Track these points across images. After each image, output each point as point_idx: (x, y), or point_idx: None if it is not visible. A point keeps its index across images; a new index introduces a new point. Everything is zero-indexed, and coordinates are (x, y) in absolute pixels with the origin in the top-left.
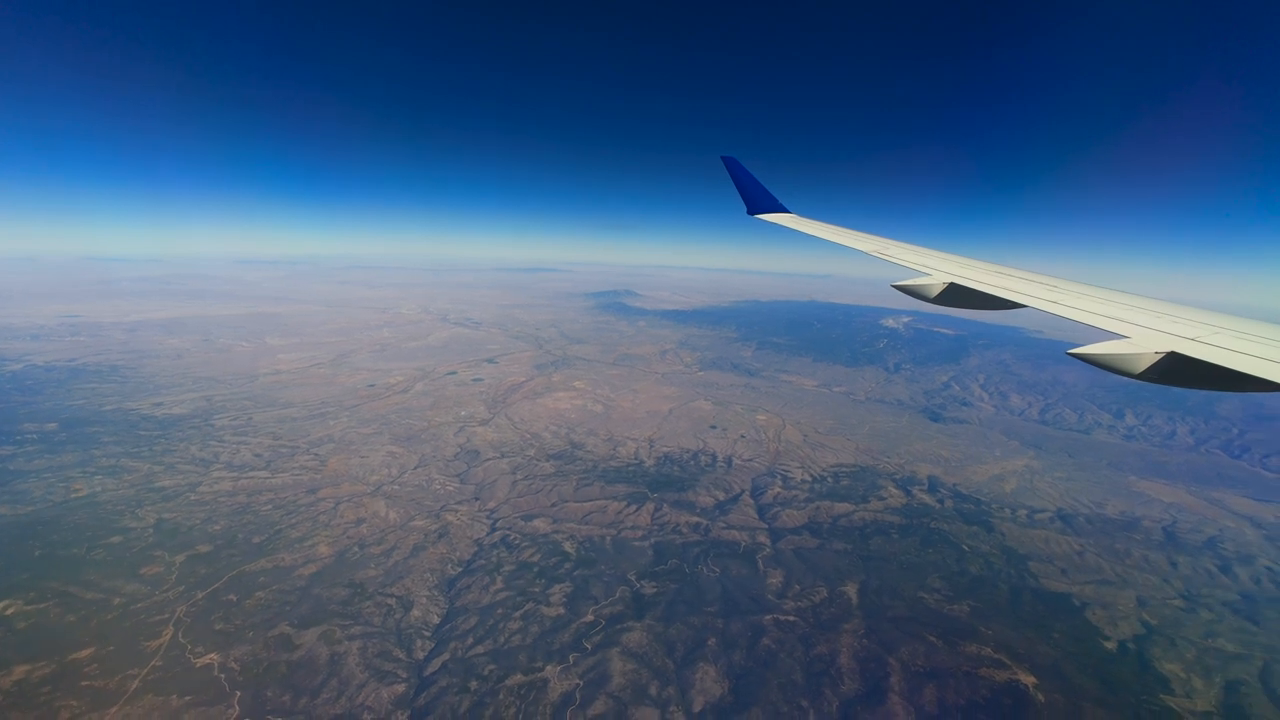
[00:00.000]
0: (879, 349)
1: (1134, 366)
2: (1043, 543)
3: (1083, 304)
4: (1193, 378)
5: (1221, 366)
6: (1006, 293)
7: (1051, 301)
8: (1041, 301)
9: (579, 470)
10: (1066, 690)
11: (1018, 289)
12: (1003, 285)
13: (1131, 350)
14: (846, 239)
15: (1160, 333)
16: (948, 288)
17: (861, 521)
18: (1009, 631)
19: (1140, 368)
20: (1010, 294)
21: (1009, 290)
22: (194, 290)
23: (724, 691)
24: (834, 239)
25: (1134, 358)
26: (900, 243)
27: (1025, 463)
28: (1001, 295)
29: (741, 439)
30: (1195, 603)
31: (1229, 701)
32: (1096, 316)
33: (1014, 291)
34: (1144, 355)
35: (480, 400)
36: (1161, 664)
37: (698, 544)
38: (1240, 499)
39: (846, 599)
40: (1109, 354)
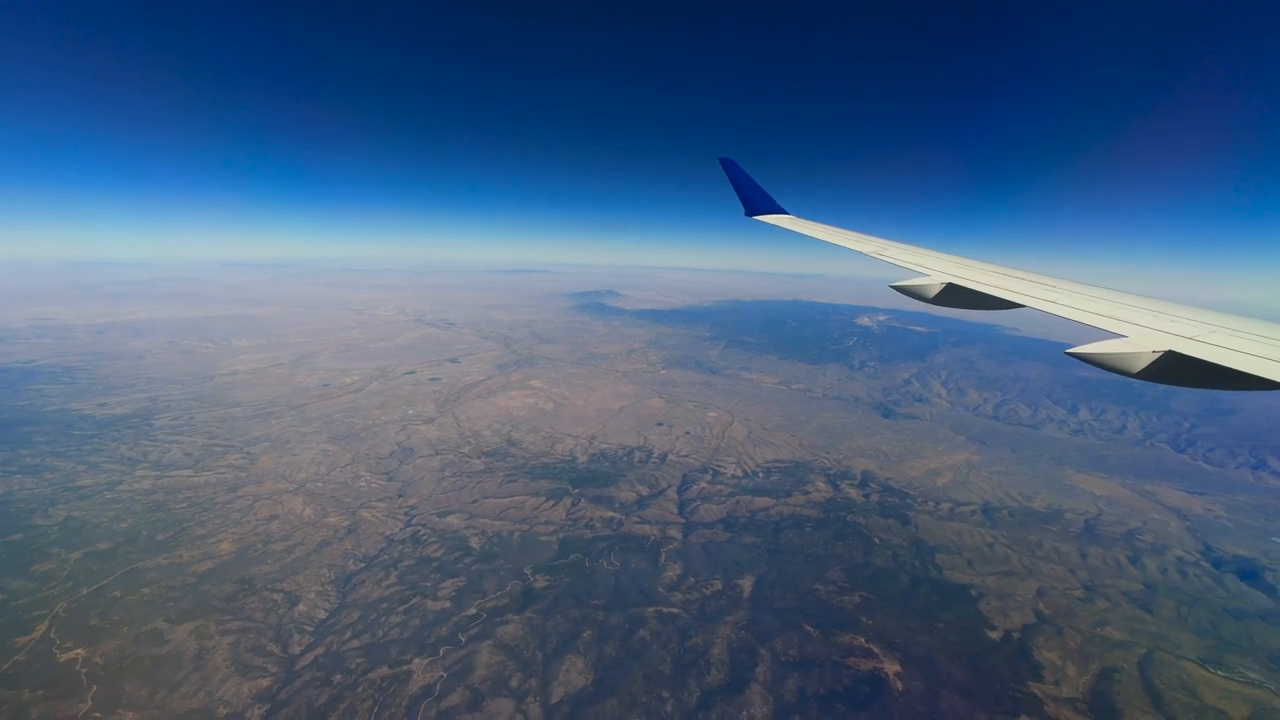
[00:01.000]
0: (847, 346)
1: (1132, 365)
2: (955, 535)
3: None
4: (1190, 376)
5: (1219, 365)
6: (1004, 293)
7: (1049, 301)
8: (1039, 301)
9: (508, 467)
10: (930, 679)
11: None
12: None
13: (1129, 349)
14: (845, 240)
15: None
16: (946, 288)
17: (779, 516)
18: (892, 622)
19: (1138, 367)
20: (1008, 294)
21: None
22: (176, 293)
23: (587, 683)
24: (832, 240)
25: (1132, 357)
26: (898, 243)
27: (966, 457)
28: (999, 295)
29: (685, 435)
30: (1095, 592)
31: (1099, 688)
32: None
33: (1012, 291)
34: (1142, 354)
35: (432, 399)
36: (1040, 652)
37: (606, 538)
38: (1174, 491)
39: (739, 591)
40: (1107, 353)
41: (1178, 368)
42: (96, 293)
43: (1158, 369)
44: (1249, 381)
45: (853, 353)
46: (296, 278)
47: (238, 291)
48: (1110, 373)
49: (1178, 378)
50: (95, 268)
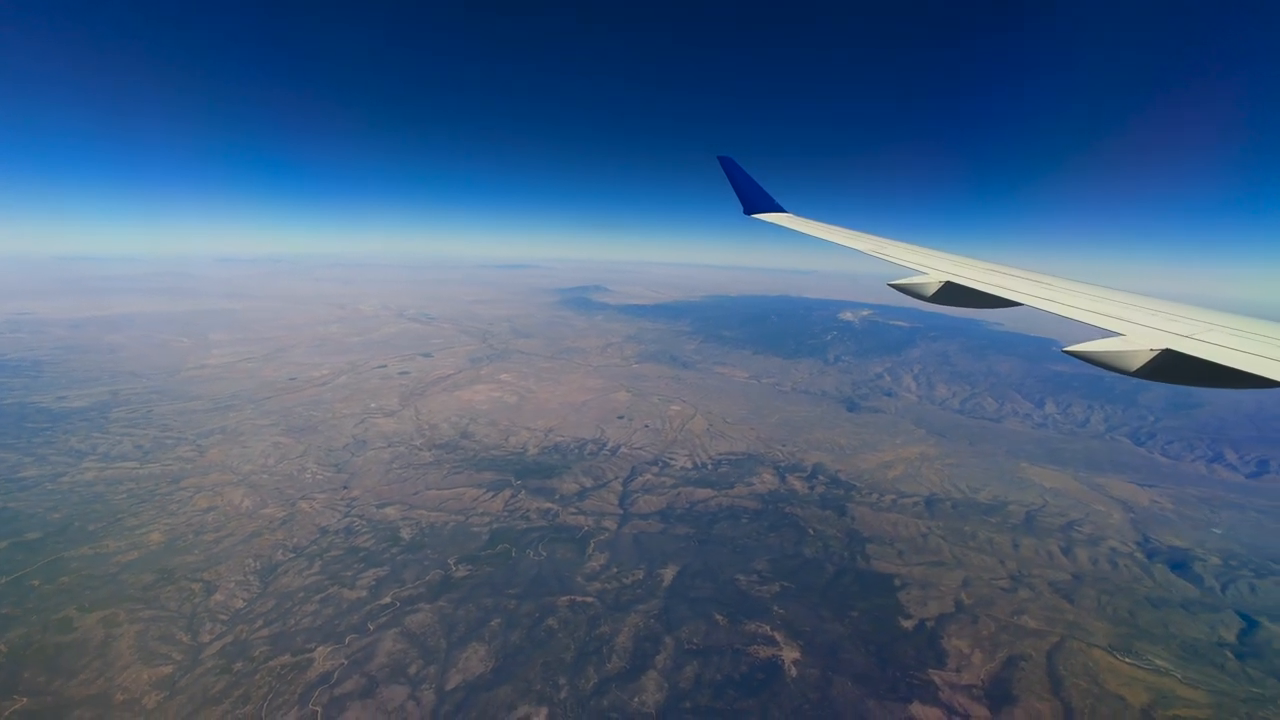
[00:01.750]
0: (825, 341)
1: (1129, 364)
2: (891, 526)
3: (1078, 302)
4: (1187, 375)
5: (1216, 363)
6: (1002, 291)
7: (1047, 300)
8: (1037, 300)
9: (457, 459)
10: (828, 666)
11: (1014, 287)
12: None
13: (1127, 348)
14: (843, 238)
15: (1155, 330)
16: (944, 286)
17: (717, 507)
18: (805, 612)
19: (1135, 365)
20: (1006, 292)
21: (1005, 289)
22: (163, 288)
23: (486, 670)
24: (830, 238)
25: (1129, 355)
26: (897, 242)
27: (921, 450)
28: (997, 294)
29: (644, 428)
30: (1020, 582)
31: (1001, 675)
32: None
33: (1010, 290)
34: (1139, 352)
35: (397, 393)
36: (950, 640)
37: (539, 529)
38: (1124, 484)
39: (659, 581)
40: (1104, 351)
41: (1175, 366)
42: (82, 287)
43: (1155, 367)
44: (1246, 380)
45: (829, 347)
46: (288, 273)
47: (225, 286)
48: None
49: (1175, 376)
50: (86, 263)
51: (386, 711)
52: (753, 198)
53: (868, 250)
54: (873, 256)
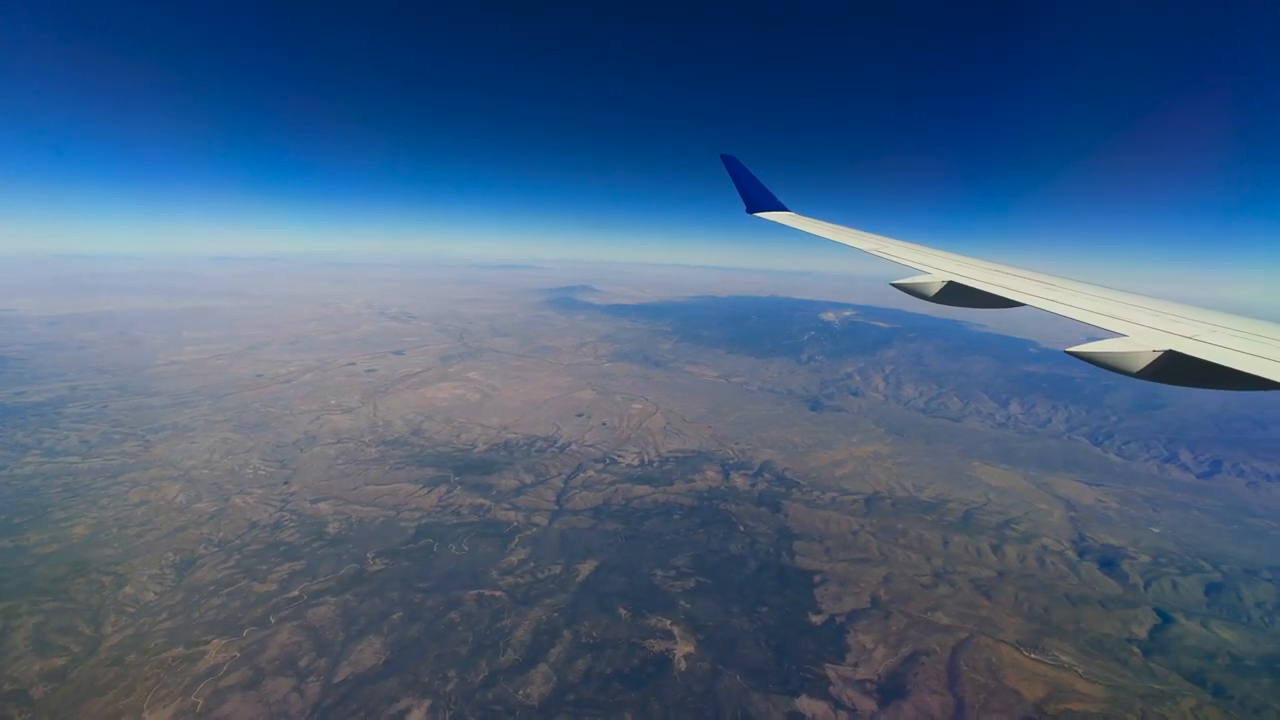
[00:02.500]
0: (801, 341)
1: (1132, 365)
2: (823, 523)
3: (1081, 302)
4: (1190, 376)
5: (1219, 365)
6: (1005, 291)
7: (1050, 300)
8: (1040, 300)
9: (402, 456)
10: (722, 660)
11: (1016, 287)
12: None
13: (1130, 349)
14: (845, 237)
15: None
16: (946, 286)
17: (653, 504)
18: (713, 607)
19: (1138, 366)
20: (1009, 292)
21: (1007, 289)
22: (152, 286)
23: (378, 663)
24: (832, 237)
25: (1132, 356)
26: (899, 241)
27: (876, 449)
28: (1000, 294)
29: (601, 426)
30: (942, 579)
31: (900, 670)
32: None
33: (1012, 290)
34: (1142, 354)
35: (360, 390)
36: (856, 636)
37: (468, 524)
38: (1072, 482)
39: (574, 576)
40: (1107, 352)
41: (1178, 367)
42: (72, 285)
43: (1158, 368)
44: (1249, 381)
45: (804, 347)
46: (282, 272)
47: (215, 284)
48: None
49: (1178, 377)
50: (84, 261)
51: (268, 704)
52: (755, 196)
53: (870, 249)
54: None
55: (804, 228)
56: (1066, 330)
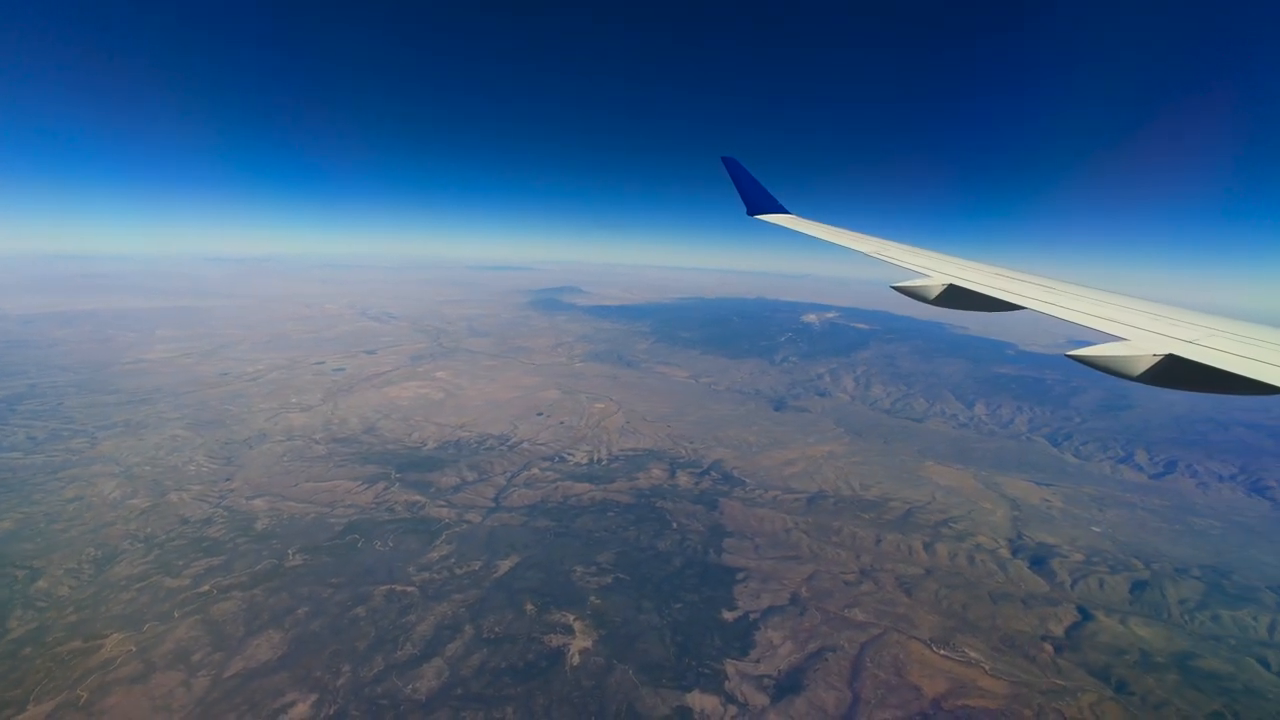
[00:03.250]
0: (778, 342)
1: (1132, 369)
2: (758, 521)
3: (1081, 306)
4: (1190, 380)
5: (1219, 369)
6: (1005, 294)
7: (1050, 303)
8: (1040, 303)
9: (350, 453)
10: (619, 655)
11: (1017, 290)
12: (1002, 287)
13: (1130, 353)
14: (845, 240)
15: (1159, 335)
16: (947, 289)
17: (591, 501)
18: (625, 603)
19: (1138, 370)
20: (1009, 295)
21: (1008, 292)
22: (139, 286)
23: (272, 657)
24: (832, 239)
25: (1132, 360)
26: (899, 244)
27: (831, 449)
28: (1000, 297)
29: (559, 425)
30: (867, 576)
31: (803, 666)
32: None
33: (1013, 293)
34: (1142, 358)
35: (323, 389)
36: (765, 632)
37: (399, 521)
38: (1022, 482)
39: (492, 572)
40: (1107, 356)
41: (1178, 371)
42: (59, 284)
43: (1158, 372)
44: (1249, 386)
45: (780, 348)
46: (273, 272)
47: (203, 284)
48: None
49: (1178, 381)
50: (79, 261)
51: (153, 697)
52: (756, 199)
53: (870, 252)
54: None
55: (804, 230)
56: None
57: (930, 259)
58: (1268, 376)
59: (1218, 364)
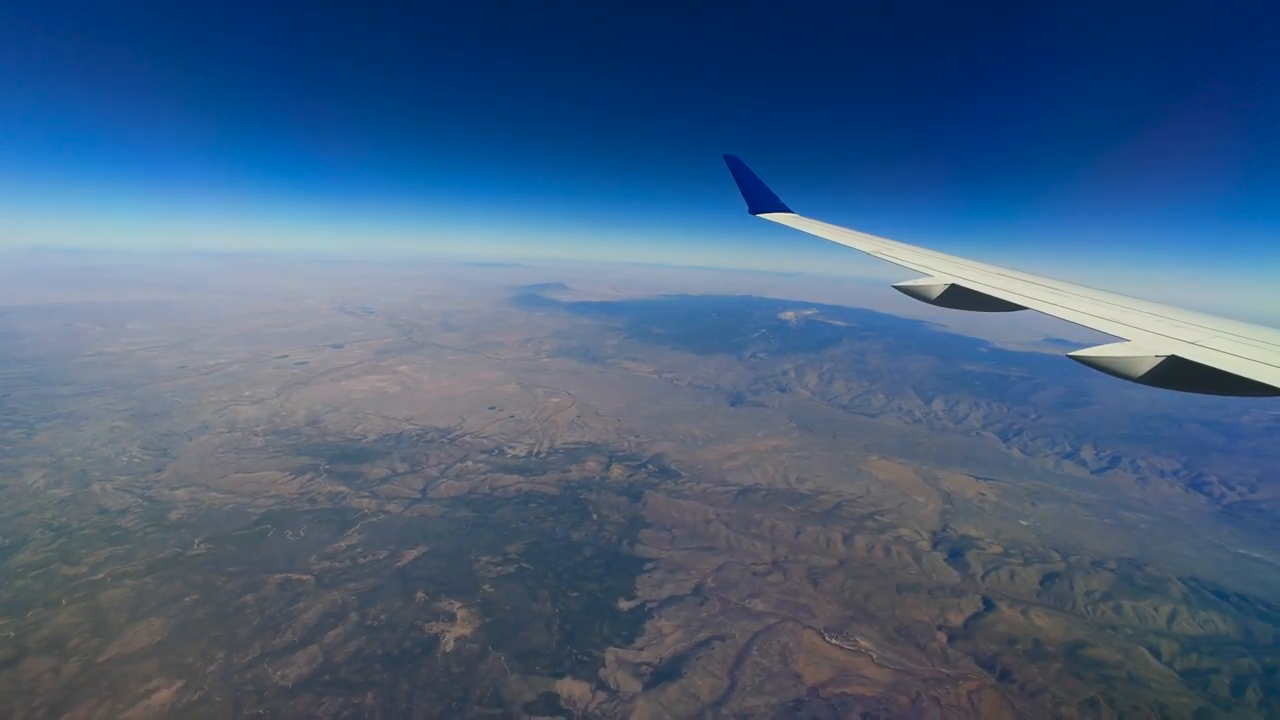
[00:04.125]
0: (750, 339)
1: (1134, 369)
2: (679, 513)
3: (1084, 306)
4: (1193, 381)
5: (1221, 370)
6: (1008, 294)
7: (1052, 304)
8: (1042, 304)
9: (287, 445)
10: (497, 643)
11: (1019, 291)
12: (1004, 287)
13: (1132, 353)
14: (847, 239)
15: (1161, 336)
16: (949, 289)
17: (517, 493)
18: (520, 591)
19: (1140, 371)
20: (1011, 296)
21: (1010, 292)
22: (119, 280)
23: (150, 644)
24: (835, 239)
25: (1134, 361)
26: (902, 243)
27: (777, 443)
28: (1002, 297)
29: (510, 419)
30: (778, 567)
31: (687, 654)
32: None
33: (1015, 293)
34: (1144, 358)
35: (280, 382)
36: (657, 621)
37: (317, 511)
38: (962, 476)
39: (396, 561)
40: (1109, 357)
41: (1180, 372)
42: (43, 279)
43: (1160, 373)
44: (1251, 387)
45: (750, 345)
46: (260, 267)
47: (185, 279)
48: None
49: (1180, 383)
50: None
51: (18, 682)
52: (758, 197)
53: (872, 251)
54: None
55: (806, 229)
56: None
57: (932, 259)
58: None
59: (1220, 365)
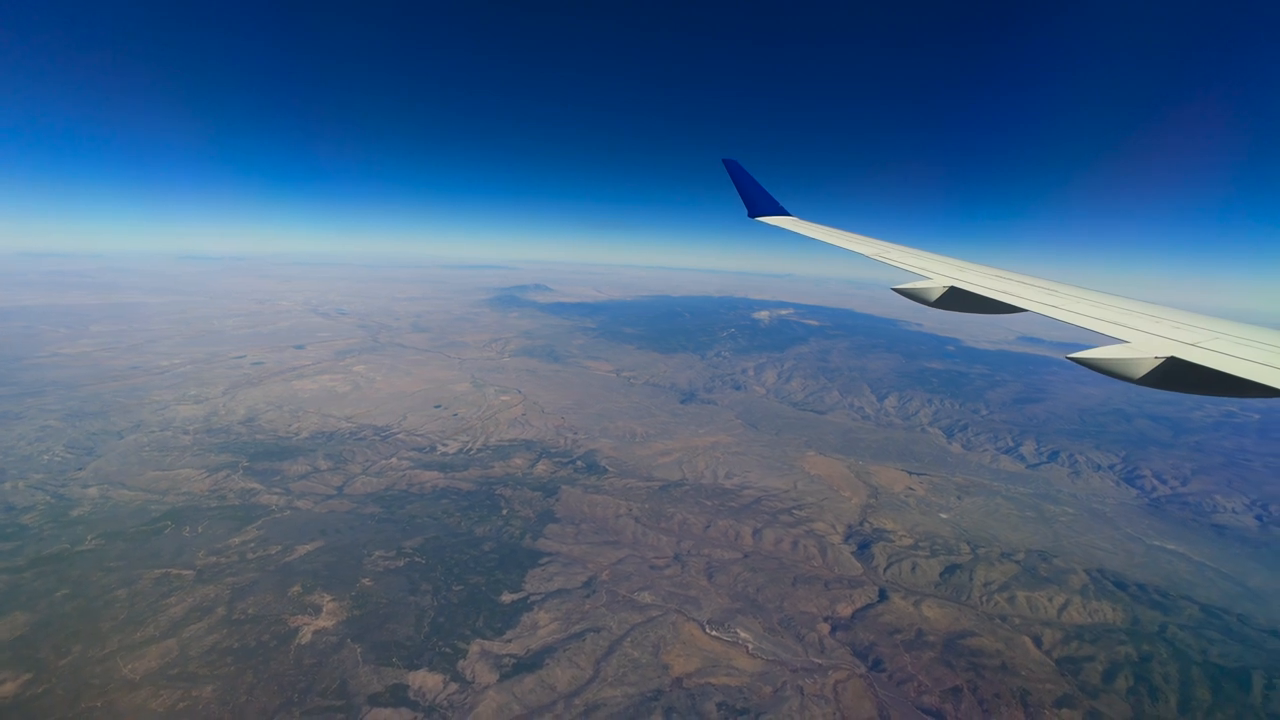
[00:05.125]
0: (718, 338)
1: (1134, 371)
2: (590, 508)
3: (1083, 308)
4: (1192, 382)
5: (1221, 372)
6: (1006, 296)
7: (1051, 306)
8: (1041, 305)
9: (214, 443)
10: (360, 636)
11: (1018, 293)
12: (1003, 289)
13: (1131, 355)
14: (846, 242)
15: (1160, 337)
16: (948, 291)
17: (434, 489)
18: (398, 584)
19: (1140, 372)
20: (1010, 298)
21: (1009, 294)
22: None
23: (7, 638)
24: (833, 241)
25: (1134, 362)
26: (901, 246)
27: (718, 439)
28: (1001, 299)
29: (453, 417)
30: (679, 561)
31: (555, 645)
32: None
33: (1014, 295)
34: (1144, 360)
35: (230, 381)
36: (535, 614)
37: (224, 508)
38: (895, 471)
39: (285, 556)
40: (1109, 358)
41: (1180, 374)
42: (8, 280)
43: (1160, 375)
44: (1251, 388)
45: (718, 344)
46: (245, 270)
47: (165, 282)
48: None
49: (1180, 384)
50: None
51: None
52: (757, 201)
53: (871, 254)
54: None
55: (805, 232)
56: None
57: (931, 261)
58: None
59: (1219, 366)
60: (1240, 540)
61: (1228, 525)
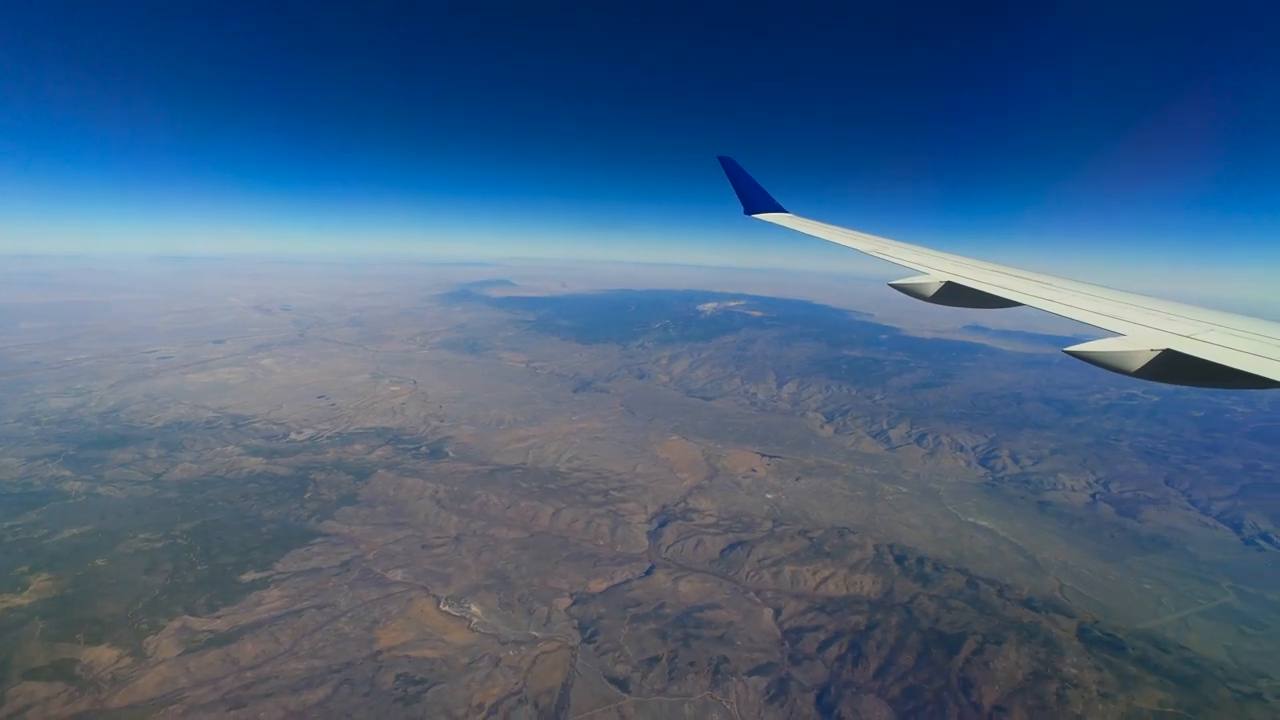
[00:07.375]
0: (650, 329)
1: (1130, 364)
2: (395, 491)
3: (1079, 302)
4: (1188, 375)
5: (1217, 364)
6: (1003, 291)
7: (1048, 299)
8: (1038, 300)
9: (61, 432)
10: (55, 613)
11: (1014, 287)
12: (999, 284)
13: (1127, 348)
14: (843, 238)
15: (1156, 330)
16: (944, 286)
17: (249, 474)
18: (133, 564)
19: (1136, 365)
20: (1006, 292)
21: (1005, 289)
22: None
23: None
24: (831, 238)
25: (1130, 355)
26: (897, 242)
27: (586, 426)
28: (998, 294)
29: (330, 406)
30: (457, 541)
31: (270, 620)
32: (1093, 314)
33: (1010, 290)
34: (1139, 353)
35: (124, 375)
36: (268, 591)
37: (15, 495)
38: (748, 454)
39: (42, 538)
40: (1105, 351)
41: (1176, 366)
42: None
43: (1156, 367)
44: (1246, 380)
45: (646, 335)
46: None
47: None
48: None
49: (1176, 376)
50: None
51: None
52: (753, 198)
53: (868, 250)
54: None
55: (802, 229)
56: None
57: (928, 256)
58: (1265, 370)
59: (1215, 358)
60: (1058, 516)
61: (1054, 503)
